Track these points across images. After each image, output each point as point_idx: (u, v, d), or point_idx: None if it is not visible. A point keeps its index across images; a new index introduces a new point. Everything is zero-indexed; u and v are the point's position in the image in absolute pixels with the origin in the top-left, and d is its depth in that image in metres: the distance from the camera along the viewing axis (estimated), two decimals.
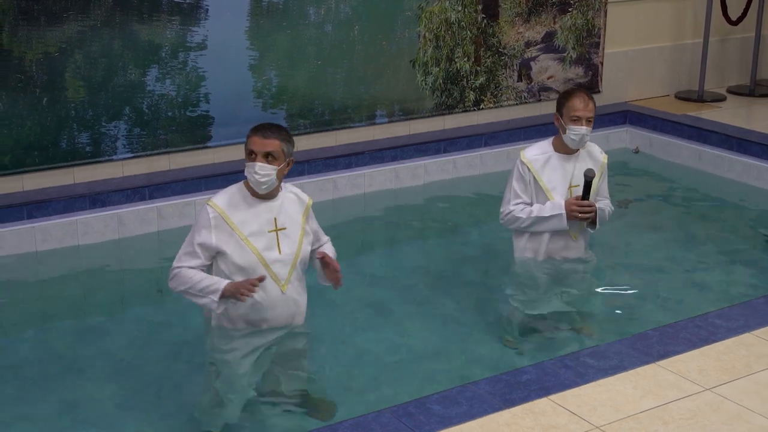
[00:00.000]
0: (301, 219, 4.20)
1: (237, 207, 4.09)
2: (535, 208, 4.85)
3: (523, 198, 4.89)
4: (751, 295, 5.05)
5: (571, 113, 4.82)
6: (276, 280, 4.11)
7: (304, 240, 4.20)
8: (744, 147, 7.07)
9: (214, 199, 4.11)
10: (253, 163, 4.02)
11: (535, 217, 4.83)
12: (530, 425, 3.49)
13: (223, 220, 4.05)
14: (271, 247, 4.10)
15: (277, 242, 4.11)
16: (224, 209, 4.06)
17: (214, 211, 4.06)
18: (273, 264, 4.09)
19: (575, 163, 4.93)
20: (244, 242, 4.05)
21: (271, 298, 4.12)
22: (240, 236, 4.05)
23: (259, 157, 4.01)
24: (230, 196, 4.13)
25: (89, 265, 5.63)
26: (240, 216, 4.08)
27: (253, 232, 4.08)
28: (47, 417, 4.05)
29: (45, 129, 5.91)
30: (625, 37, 8.16)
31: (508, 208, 4.90)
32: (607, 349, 4.05)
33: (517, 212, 4.86)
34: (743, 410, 3.61)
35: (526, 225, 4.87)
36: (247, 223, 4.08)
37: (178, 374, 4.39)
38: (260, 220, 4.10)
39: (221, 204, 4.08)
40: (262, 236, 4.09)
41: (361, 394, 4.18)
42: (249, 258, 4.06)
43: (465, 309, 5.02)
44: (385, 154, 6.87)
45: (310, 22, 6.68)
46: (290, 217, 4.18)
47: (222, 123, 6.46)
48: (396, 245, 5.98)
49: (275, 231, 4.12)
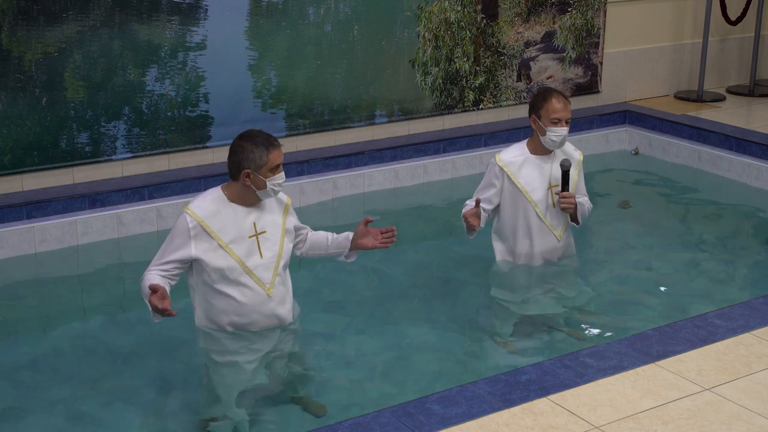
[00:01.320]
0: (281, 220, 4.22)
1: (216, 214, 4.09)
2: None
3: (487, 199, 4.95)
4: (751, 295, 5.05)
5: (551, 115, 4.82)
6: (261, 285, 4.13)
7: (285, 240, 4.22)
8: (743, 147, 7.07)
9: (192, 207, 4.09)
10: (282, 174, 4.11)
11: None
12: (530, 425, 3.49)
13: (203, 228, 4.05)
14: (252, 253, 4.11)
15: (258, 247, 4.13)
16: (203, 218, 4.06)
17: (194, 221, 4.05)
18: (255, 269, 4.11)
19: (552, 164, 4.96)
20: (225, 249, 4.06)
21: (258, 302, 4.14)
22: (220, 243, 4.05)
23: (281, 168, 4.12)
24: (209, 202, 4.11)
25: (89, 265, 5.63)
26: (219, 223, 4.08)
27: (233, 239, 4.08)
28: (47, 416, 4.05)
29: (44, 129, 5.91)
30: (625, 37, 8.16)
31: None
32: (606, 349, 4.05)
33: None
34: (743, 410, 3.61)
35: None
36: (226, 229, 4.08)
37: (178, 374, 4.39)
38: (240, 226, 4.11)
39: (200, 212, 4.07)
40: (242, 242, 4.10)
41: (361, 394, 4.18)
42: (231, 264, 4.07)
43: (464, 309, 5.02)
44: (384, 154, 6.88)
45: (310, 22, 6.68)
46: (270, 219, 4.20)
47: (221, 123, 6.46)
48: (395, 245, 5.97)
49: (255, 236, 4.13)
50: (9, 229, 5.63)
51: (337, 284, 5.23)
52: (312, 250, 4.47)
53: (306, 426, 3.89)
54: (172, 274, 4.08)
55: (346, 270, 5.38)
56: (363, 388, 4.23)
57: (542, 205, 4.95)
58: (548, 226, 4.99)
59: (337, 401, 4.09)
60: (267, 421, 3.99)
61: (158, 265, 4.08)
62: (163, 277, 4.04)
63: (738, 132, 7.24)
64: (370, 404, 3.98)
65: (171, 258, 4.06)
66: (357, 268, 5.49)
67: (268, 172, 4.05)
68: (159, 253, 4.12)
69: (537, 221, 4.97)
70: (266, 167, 4.04)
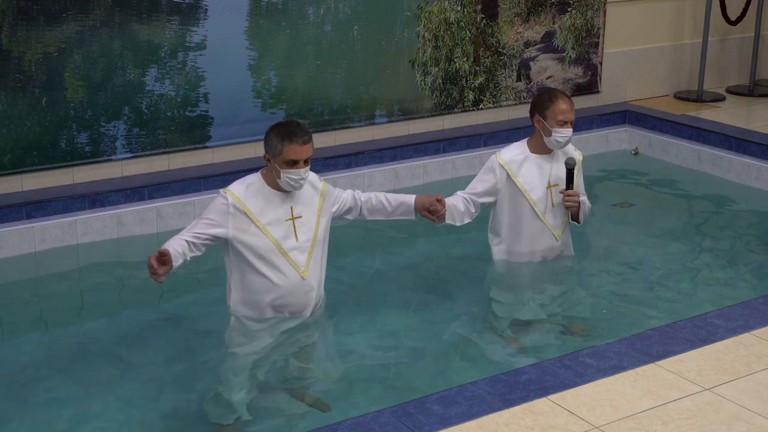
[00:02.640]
0: (318, 206, 4.34)
1: (254, 196, 4.23)
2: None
3: (481, 193, 4.95)
4: (750, 295, 5.05)
5: (558, 116, 4.82)
6: (295, 267, 4.27)
7: (320, 226, 4.34)
8: (743, 147, 7.07)
9: (232, 188, 4.26)
10: (298, 170, 4.16)
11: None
12: (529, 425, 3.49)
13: (241, 208, 4.17)
14: (288, 236, 4.26)
15: (294, 230, 4.23)
16: (242, 198, 4.20)
17: (232, 199, 4.20)
18: (291, 252, 4.26)
19: (552, 164, 4.97)
20: (262, 231, 4.19)
21: (293, 284, 4.28)
22: (258, 225, 4.16)
23: (301, 164, 4.17)
24: (247, 186, 4.26)
25: (88, 265, 5.63)
26: (257, 205, 4.22)
27: (270, 221, 4.23)
28: (47, 416, 4.05)
29: (44, 129, 5.91)
30: (625, 37, 8.16)
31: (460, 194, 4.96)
32: (606, 349, 4.05)
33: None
34: (742, 410, 3.61)
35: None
36: (264, 212, 4.23)
37: (178, 373, 4.39)
38: (277, 210, 4.25)
39: (239, 193, 4.23)
40: (279, 225, 4.24)
41: (361, 393, 4.18)
42: (267, 245, 4.21)
43: (464, 309, 5.01)
44: (384, 154, 6.88)
45: (310, 22, 6.68)
46: (307, 205, 4.32)
47: (221, 123, 6.46)
48: (395, 245, 5.97)
49: (292, 220, 4.24)
50: (9, 229, 5.63)
51: (336, 284, 5.22)
52: (373, 215, 4.64)
53: (306, 426, 3.90)
54: (201, 243, 4.19)
55: (346, 270, 5.38)
56: (363, 388, 4.23)
57: (541, 204, 4.96)
58: (547, 226, 4.99)
59: (337, 401, 4.09)
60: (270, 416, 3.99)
61: (191, 231, 4.19)
62: (190, 243, 4.15)
63: (738, 132, 7.24)
64: (370, 404, 3.99)
65: (204, 231, 4.19)
66: (356, 268, 5.50)
67: (283, 164, 4.15)
68: (192, 224, 4.24)
69: (536, 220, 4.97)
70: (281, 158, 4.16)
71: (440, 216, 4.65)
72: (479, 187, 4.97)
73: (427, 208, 4.62)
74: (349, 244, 5.85)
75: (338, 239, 5.87)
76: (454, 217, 4.88)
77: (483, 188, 4.97)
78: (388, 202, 4.63)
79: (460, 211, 4.90)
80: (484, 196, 4.97)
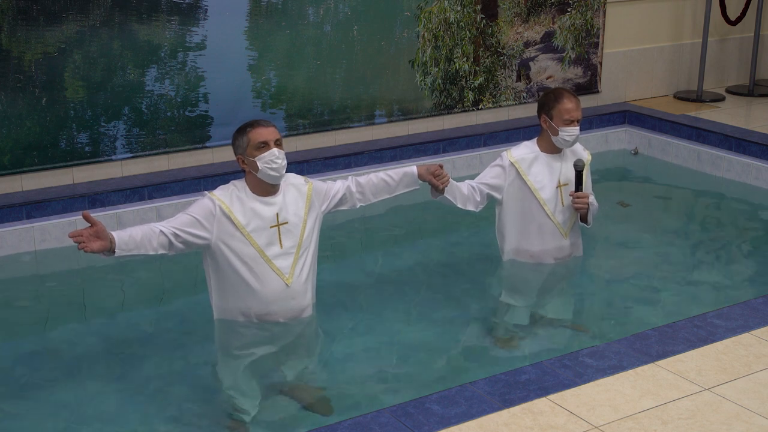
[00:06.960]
0: (304, 210, 4.24)
1: (239, 202, 4.15)
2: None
3: (489, 184, 4.93)
4: (750, 295, 5.05)
5: (564, 115, 4.82)
6: (280, 274, 4.18)
7: (306, 231, 4.25)
8: (743, 147, 7.07)
9: (217, 193, 4.17)
10: (271, 150, 4.07)
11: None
12: (529, 425, 3.49)
13: (227, 213, 4.10)
14: (272, 243, 4.16)
15: (279, 237, 4.16)
16: (228, 204, 4.13)
17: (219, 204, 4.11)
18: (275, 259, 4.15)
19: (562, 162, 4.96)
20: (246, 238, 4.10)
21: (275, 291, 4.18)
22: (243, 232, 4.09)
23: (272, 144, 4.08)
24: (232, 191, 4.19)
25: (88, 265, 5.63)
26: (241, 211, 4.14)
27: (254, 228, 4.14)
28: (47, 416, 4.05)
29: (44, 129, 5.91)
30: (624, 37, 8.17)
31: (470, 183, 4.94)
32: (606, 349, 4.05)
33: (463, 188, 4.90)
34: (742, 410, 3.61)
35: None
36: (248, 218, 4.14)
37: (178, 373, 4.39)
38: (262, 217, 4.16)
39: (225, 198, 4.15)
40: (263, 232, 4.15)
41: (360, 393, 4.18)
42: (250, 252, 4.13)
43: (464, 309, 5.01)
44: (384, 154, 6.87)
45: (309, 22, 6.68)
46: (292, 211, 4.23)
47: (221, 123, 6.46)
48: (395, 245, 5.98)
49: (277, 226, 4.16)
50: (9, 229, 5.63)
51: (336, 284, 5.23)
52: (377, 196, 4.56)
53: (306, 426, 3.90)
54: (181, 241, 4.06)
55: (346, 269, 5.39)
56: (362, 388, 4.23)
57: (551, 203, 4.95)
58: (556, 225, 4.98)
59: (337, 401, 4.09)
60: (270, 416, 3.99)
61: (171, 223, 4.06)
62: (168, 234, 4.01)
63: (737, 132, 7.24)
64: (369, 404, 3.98)
65: (188, 229, 4.06)
66: (356, 268, 5.50)
67: (254, 152, 4.08)
68: (173, 218, 4.10)
69: (545, 219, 4.96)
70: (250, 147, 4.10)
71: (444, 180, 4.56)
72: (488, 178, 4.95)
73: (431, 173, 4.54)
74: (349, 244, 5.85)
75: (338, 239, 5.89)
76: (455, 195, 4.82)
77: (491, 179, 4.94)
78: (389, 177, 4.55)
79: (463, 193, 4.86)
80: (491, 187, 4.93)
